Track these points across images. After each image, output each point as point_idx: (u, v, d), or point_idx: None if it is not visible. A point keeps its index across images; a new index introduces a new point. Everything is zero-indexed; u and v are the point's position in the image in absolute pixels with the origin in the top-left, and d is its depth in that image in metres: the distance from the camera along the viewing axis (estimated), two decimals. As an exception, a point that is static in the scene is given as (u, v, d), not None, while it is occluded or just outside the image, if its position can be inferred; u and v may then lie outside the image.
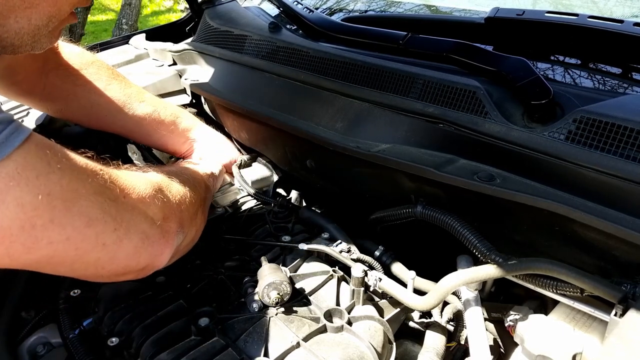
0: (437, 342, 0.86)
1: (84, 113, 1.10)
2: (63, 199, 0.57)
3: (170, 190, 0.79)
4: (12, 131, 0.53)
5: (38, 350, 0.89)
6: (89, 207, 0.60)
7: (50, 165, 0.56)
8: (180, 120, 1.18)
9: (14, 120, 0.55)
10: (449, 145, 0.86)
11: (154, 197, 0.72)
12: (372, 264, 0.91)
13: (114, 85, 1.09)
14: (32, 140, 0.55)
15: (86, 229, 0.60)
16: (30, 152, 0.55)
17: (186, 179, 0.88)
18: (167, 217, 0.74)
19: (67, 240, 0.59)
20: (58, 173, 0.57)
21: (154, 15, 8.70)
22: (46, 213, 0.56)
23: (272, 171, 1.26)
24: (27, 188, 0.54)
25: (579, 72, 0.98)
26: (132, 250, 0.68)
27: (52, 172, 0.56)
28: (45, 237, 0.57)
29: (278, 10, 1.37)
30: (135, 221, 0.68)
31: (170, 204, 0.76)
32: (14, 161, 0.53)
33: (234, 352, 0.74)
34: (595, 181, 0.70)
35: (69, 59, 1.06)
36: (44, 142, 0.58)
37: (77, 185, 0.59)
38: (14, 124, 0.54)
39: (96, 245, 0.62)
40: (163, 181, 0.79)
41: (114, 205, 0.64)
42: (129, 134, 1.17)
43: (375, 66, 0.97)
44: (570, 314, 0.74)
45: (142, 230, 0.69)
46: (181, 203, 0.79)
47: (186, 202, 0.81)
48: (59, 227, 0.58)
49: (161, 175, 0.80)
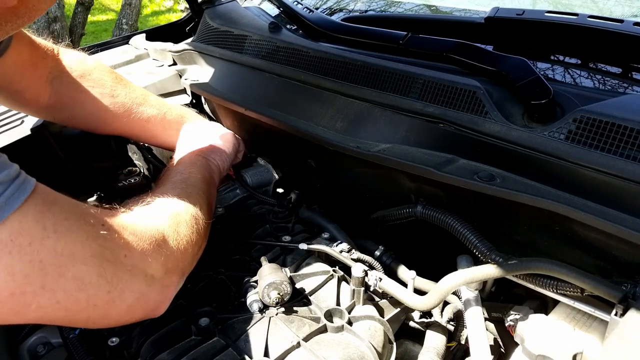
0: (437, 342, 0.86)
1: (91, 119, 1.09)
2: (56, 265, 0.56)
3: (176, 239, 0.74)
4: (12, 192, 0.52)
5: (38, 350, 0.89)
6: (83, 271, 0.58)
7: (45, 230, 0.55)
8: (185, 119, 1.18)
9: (18, 176, 0.53)
10: (449, 145, 0.86)
11: (157, 252, 0.69)
12: (373, 263, 0.91)
13: (119, 89, 1.09)
14: (31, 201, 0.54)
15: (78, 293, 0.59)
16: (27, 216, 0.53)
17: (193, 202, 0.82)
18: (170, 271, 0.71)
19: (57, 304, 0.58)
20: (53, 237, 0.55)
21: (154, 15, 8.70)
22: (37, 280, 0.55)
23: (272, 171, 1.26)
24: (19, 256, 0.52)
25: (579, 72, 0.98)
26: (125, 309, 0.66)
27: (47, 237, 0.55)
28: (35, 303, 0.56)
29: (278, 10, 1.37)
30: (132, 282, 0.65)
31: (174, 257, 0.72)
32: (9, 227, 0.51)
33: (234, 352, 0.73)
34: (595, 181, 0.70)
35: (71, 66, 1.05)
36: (45, 200, 0.56)
37: (74, 248, 0.57)
38: (16, 183, 0.53)
39: (87, 306, 0.61)
40: (169, 229, 0.74)
41: (111, 267, 0.62)
42: (136, 136, 1.18)
43: (375, 66, 0.97)
44: (570, 314, 0.74)
45: (139, 290, 0.66)
46: (186, 250, 0.75)
47: (192, 245, 0.77)
48: (50, 293, 0.56)
49: (167, 218, 0.75)
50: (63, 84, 1.04)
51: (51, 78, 1.03)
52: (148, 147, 1.34)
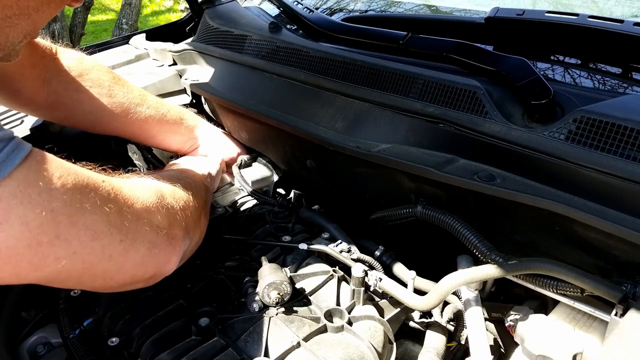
0: (437, 342, 0.86)
1: (88, 119, 1.10)
2: (67, 214, 0.57)
3: (174, 197, 0.78)
4: (12, 149, 0.53)
5: (38, 350, 0.89)
6: (94, 220, 0.60)
7: (52, 181, 0.56)
8: (183, 119, 1.18)
9: (14, 137, 0.54)
10: (449, 145, 0.86)
11: (158, 205, 0.72)
12: (373, 264, 0.92)
13: (116, 89, 1.09)
14: (32, 157, 0.55)
15: (92, 242, 0.60)
16: (31, 168, 0.54)
17: (188, 183, 0.87)
18: (173, 224, 0.74)
19: (74, 255, 0.59)
20: (60, 188, 0.57)
21: (154, 15, 8.70)
22: (51, 229, 0.56)
23: (272, 171, 1.26)
24: (30, 206, 0.53)
25: (579, 72, 0.98)
26: (139, 260, 0.68)
27: (54, 187, 0.56)
28: (52, 254, 0.57)
29: (278, 10, 1.37)
30: (140, 231, 0.67)
31: (174, 211, 0.76)
32: (15, 179, 0.52)
33: (234, 352, 0.73)
34: (595, 181, 0.70)
35: (69, 65, 1.05)
36: (45, 157, 0.58)
37: (80, 198, 0.59)
38: (14, 142, 0.53)
39: (103, 257, 0.62)
40: (166, 188, 0.78)
41: (118, 216, 0.64)
42: (134, 136, 1.18)
43: (375, 66, 0.97)
44: (570, 314, 0.74)
45: (149, 240, 0.68)
46: (185, 208, 0.79)
47: (190, 207, 0.81)
48: (65, 243, 0.57)
49: (163, 182, 0.80)
50: (61, 84, 1.04)
51: (49, 77, 1.03)
52: (148, 147, 1.34)
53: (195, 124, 1.22)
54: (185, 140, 1.21)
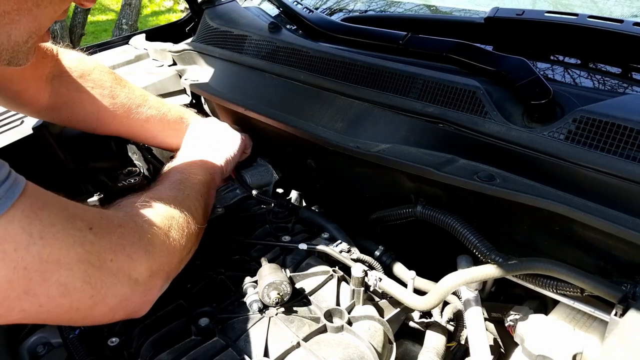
0: (437, 342, 0.86)
1: (90, 120, 1.09)
2: (41, 271, 0.55)
3: (165, 242, 0.73)
4: (0, 195, 0.52)
5: (38, 350, 0.89)
6: (68, 276, 0.58)
7: (31, 236, 0.54)
8: (184, 119, 1.18)
9: (7, 179, 0.53)
10: (449, 145, 0.86)
11: (144, 256, 0.68)
12: (372, 264, 0.91)
13: (118, 90, 1.09)
14: (19, 205, 0.53)
15: (61, 298, 0.59)
16: (13, 222, 0.53)
17: (188, 206, 0.82)
18: (154, 274, 0.70)
19: (40, 308, 0.58)
20: (39, 244, 0.55)
21: (154, 15, 8.70)
22: (21, 286, 0.54)
23: (272, 171, 1.26)
24: (3, 262, 0.52)
25: (579, 72, 0.98)
26: (107, 311, 0.66)
27: (32, 243, 0.54)
28: (18, 306, 0.56)
29: (278, 11, 1.37)
30: (116, 286, 0.64)
31: (160, 260, 0.71)
32: None
33: (234, 352, 0.73)
34: (595, 181, 0.70)
35: (70, 66, 1.05)
36: (34, 204, 0.56)
37: (59, 254, 0.57)
38: (4, 186, 0.52)
39: (69, 310, 0.61)
40: (159, 232, 0.73)
41: (96, 272, 0.61)
42: (135, 136, 1.18)
43: (375, 66, 0.97)
44: (570, 314, 0.74)
45: (122, 294, 0.66)
46: (173, 255, 0.75)
47: (180, 249, 0.76)
48: (33, 298, 0.56)
49: (160, 220, 0.74)
50: (62, 85, 1.04)
51: (50, 78, 1.02)
52: (148, 147, 1.34)
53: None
54: None
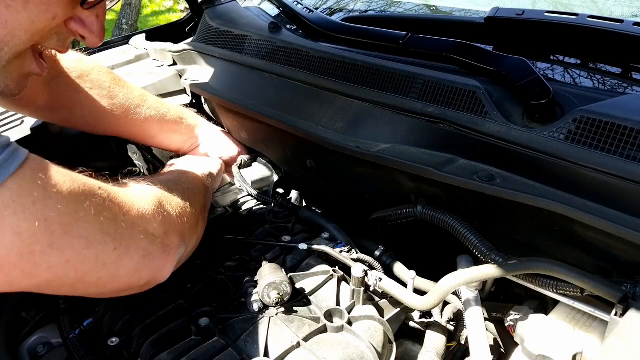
0: (437, 342, 0.86)
1: (89, 120, 1.10)
2: (61, 223, 0.57)
3: (171, 204, 0.77)
4: (7, 157, 0.52)
5: (38, 350, 0.89)
6: (87, 228, 0.60)
7: (46, 190, 0.55)
8: (183, 119, 1.19)
9: (10, 144, 0.54)
10: (449, 145, 0.86)
11: (154, 212, 0.71)
12: (372, 263, 0.91)
13: (117, 90, 1.09)
14: (27, 165, 0.54)
15: (86, 251, 0.60)
16: (25, 178, 0.54)
17: (186, 187, 0.87)
18: (169, 231, 0.73)
19: (67, 264, 0.59)
20: (55, 197, 0.56)
21: (154, 15, 8.69)
22: (44, 239, 0.55)
23: (272, 171, 1.26)
24: (24, 215, 0.53)
25: (579, 72, 0.98)
26: (133, 268, 0.67)
27: (48, 196, 0.55)
28: (45, 262, 0.57)
29: (278, 11, 1.37)
30: (135, 239, 0.67)
31: (171, 218, 0.75)
32: (9, 189, 0.52)
33: (234, 352, 0.73)
34: (595, 181, 0.70)
35: (68, 67, 1.05)
36: (40, 165, 0.57)
37: (75, 207, 0.58)
38: (9, 149, 0.53)
39: (96, 265, 0.62)
40: (163, 195, 0.77)
41: (113, 224, 0.63)
42: (134, 137, 1.18)
43: (375, 66, 0.97)
44: (570, 314, 0.74)
45: (143, 248, 0.68)
46: (182, 215, 0.78)
47: (187, 214, 0.80)
48: (58, 252, 0.57)
49: (161, 188, 0.79)
50: (61, 85, 1.04)
51: (49, 79, 1.02)
52: (148, 147, 1.34)
53: (195, 124, 1.22)
54: (185, 139, 1.21)
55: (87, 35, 0.64)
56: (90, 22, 0.63)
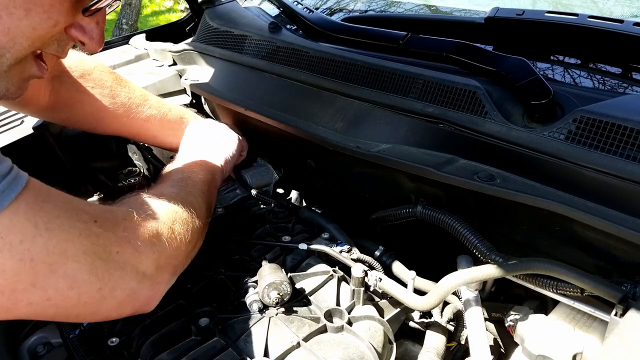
0: (437, 342, 0.86)
1: (90, 120, 1.09)
2: (48, 263, 0.55)
3: (169, 237, 0.73)
4: (3, 188, 0.51)
5: (38, 350, 0.89)
6: (75, 268, 0.58)
7: (37, 228, 0.54)
8: (184, 119, 1.18)
9: (10, 172, 0.53)
10: (449, 145, 0.86)
11: (150, 249, 0.68)
12: (372, 264, 0.91)
13: (118, 90, 1.09)
14: (23, 198, 0.53)
15: (69, 291, 0.58)
16: (18, 213, 0.53)
17: (190, 202, 0.82)
18: (161, 268, 0.71)
19: (48, 301, 0.58)
20: (45, 235, 0.55)
21: (154, 15, 8.69)
22: (28, 278, 0.54)
23: (272, 171, 1.26)
24: (10, 254, 0.52)
25: (579, 72, 0.98)
26: (115, 305, 0.66)
27: (38, 234, 0.54)
28: (25, 299, 0.56)
29: (278, 11, 1.37)
30: (124, 279, 0.64)
31: (166, 254, 0.71)
32: (0, 224, 0.51)
33: (234, 352, 0.73)
34: (595, 181, 0.70)
35: (70, 66, 1.04)
36: (37, 196, 0.56)
37: (65, 246, 0.57)
38: (8, 178, 0.52)
39: (78, 304, 0.60)
40: (163, 226, 0.73)
41: (103, 264, 0.61)
42: (135, 136, 1.18)
43: (375, 66, 0.97)
44: (570, 314, 0.74)
45: (130, 287, 0.66)
46: (179, 248, 0.75)
47: (185, 243, 0.76)
48: (41, 291, 0.56)
49: (163, 215, 0.74)
50: (62, 84, 1.04)
51: (50, 78, 1.02)
52: (148, 147, 1.34)
53: None
54: None
55: (87, 41, 0.63)
56: (91, 29, 0.62)
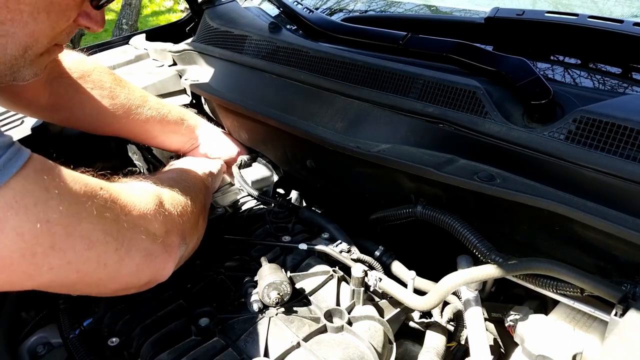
0: (437, 342, 0.86)
1: (90, 120, 1.10)
2: (63, 225, 0.57)
3: (172, 203, 0.77)
4: (10, 157, 0.52)
5: (38, 350, 0.89)
6: (89, 229, 0.60)
7: (48, 191, 0.56)
8: (184, 120, 1.19)
9: (13, 144, 0.54)
10: (449, 145, 0.86)
11: (155, 212, 0.71)
12: (372, 264, 0.91)
13: (118, 91, 1.09)
14: (30, 166, 0.55)
15: (87, 252, 0.60)
16: (28, 178, 0.54)
17: (187, 186, 0.87)
18: (170, 231, 0.73)
19: (69, 265, 0.59)
20: (57, 198, 0.56)
21: (154, 15, 8.69)
22: (46, 240, 0.55)
23: (272, 171, 1.26)
24: (26, 217, 0.53)
25: (579, 72, 0.98)
26: (134, 268, 0.67)
27: (50, 198, 0.55)
28: (46, 264, 0.57)
29: (278, 11, 1.37)
30: (137, 239, 0.67)
31: (172, 218, 0.75)
32: (12, 189, 0.52)
33: (234, 352, 0.74)
34: (595, 181, 0.70)
35: (70, 67, 1.05)
36: (43, 165, 0.57)
37: (77, 208, 0.59)
38: (12, 149, 0.53)
39: (98, 266, 0.62)
40: (164, 194, 0.78)
41: (115, 225, 0.63)
42: (135, 137, 1.18)
43: (375, 66, 0.97)
44: (570, 314, 0.74)
45: (145, 248, 0.68)
46: (183, 214, 0.78)
47: (188, 213, 0.80)
48: (60, 253, 0.57)
49: (162, 187, 0.79)
50: (62, 85, 1.04)
51: (50, 79, 1.03)
52: (148, 147, 1.34)
53: (195, 124, 1.22)
54: (185, 140, 1.21)
55: (92, 25, 0.68)
56: (95, 14, 0.68)
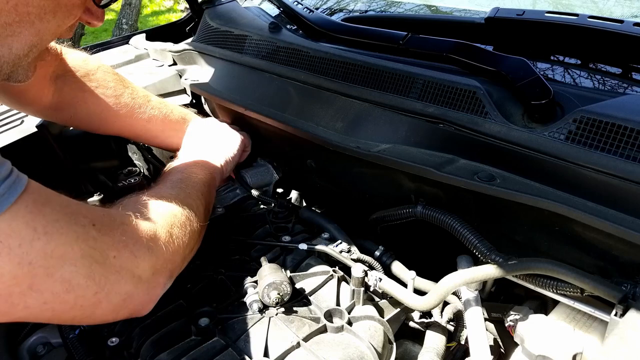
0: (437, 342, 0.86)
1: (93, 120, 1.10)
2: (45, 267, 0.55)
3: (168, 240, 0.73)
4: (3, 192, 0.52)
5: (38, 350, 0.89)
6: (71, 272, 0.58)
7: (36, 231, 0.54)
8: (186, 120, 1.19)
9: (9, 176, 0.53)
10: (449, 145, 0.86)
11: (147, 251, 0.68)
12: (372, 264, 0.91)
13: (121, 90, 1.09)
14: (22, 201, 0.53)
15: (65, 295, 0.59)
16: (17, 216, 0.53)
17: (190, 203, 0.82)
18: (157, 272, 0.71)
19: (44, 304, 0.58)
20: (43, 239, 0.55)
21: (154, 15, 8.69)
22: (25, 281, 0.54)
23: (272, 171, 1.26)
24: (8, 258, 0.52)
25: (579, 72, 0.98)
26: (110, 309, 0.66)
27: (36, 238, 0.54)
28: (22, 302, 0.56)
29: (278, 11, 1.37)
30: (119, 283, 0.64)
31: (164, 258, 0.71)
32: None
33: (234, 352, 0.73)
34: (595, 181, 0.70)
35: (74, 66, 1.05)
36: (37, 198, 0.56)
37: (64, 250, 0.57)
38: (7, 182, 0.52)
39: (74, 307, 0.61)
40: (162, 229, 0.73)
41: (100, 268, 0.61)
42: (137, 136, 1.18)
43: (376, 66, 0.97)
44: (570, 314, 0.74)
45: (126, 291, 0.66)
46: (176, 253, 0.74)
47: (182, 247, 0.76)
48: (38, 294, 0.56)
49: (162, 219, 0.74)
50: (66, 84, 1.04)
51: (54, 77, 1.03)
52: (148, 147, 1.34)
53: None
54: None
55: (92, 20, 0.69)
56: (95, 9, 0.68)
